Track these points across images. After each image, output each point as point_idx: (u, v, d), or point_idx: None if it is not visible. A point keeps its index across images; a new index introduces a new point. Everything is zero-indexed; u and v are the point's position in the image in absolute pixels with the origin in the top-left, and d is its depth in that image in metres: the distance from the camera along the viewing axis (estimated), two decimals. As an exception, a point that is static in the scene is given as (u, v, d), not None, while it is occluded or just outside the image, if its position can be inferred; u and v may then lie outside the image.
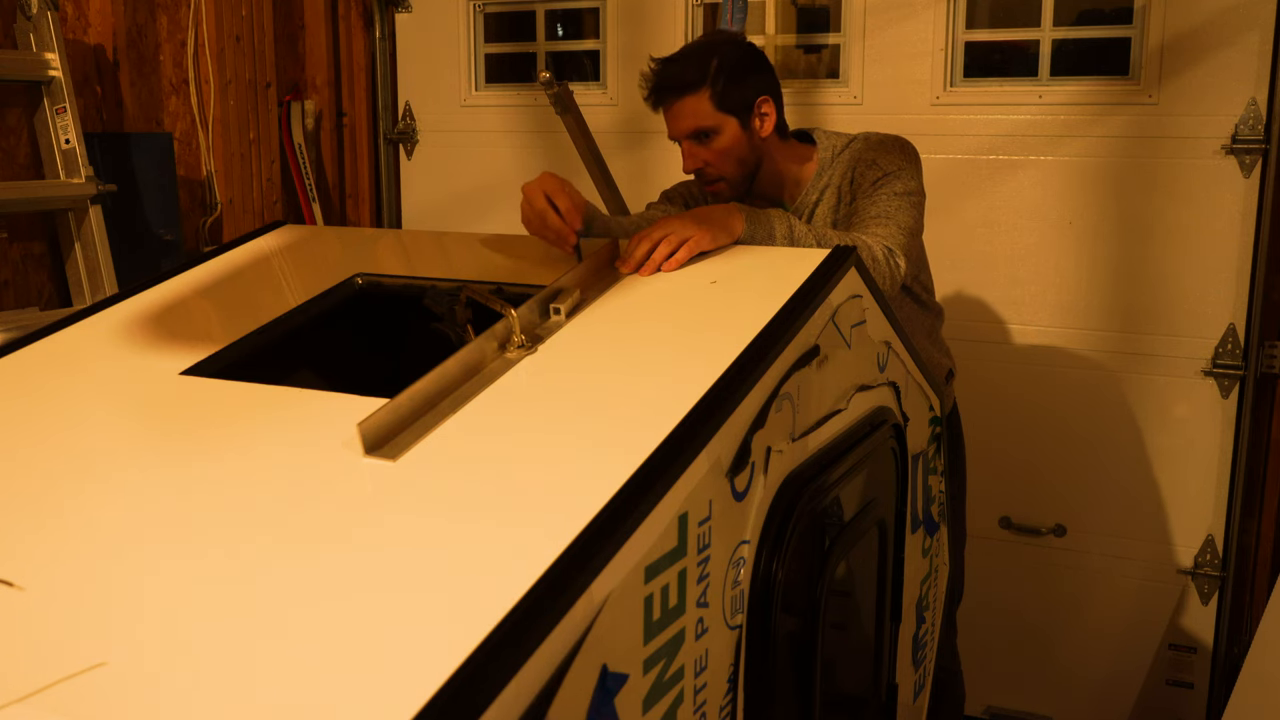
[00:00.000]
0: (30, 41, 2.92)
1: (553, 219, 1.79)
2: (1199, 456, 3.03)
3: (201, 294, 1.88)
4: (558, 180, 1.83)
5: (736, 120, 2.07)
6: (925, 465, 1.94)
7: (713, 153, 2.08)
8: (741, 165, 2.10)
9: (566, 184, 1.83)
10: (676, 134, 2.10)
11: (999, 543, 3.24)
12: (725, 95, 2.04)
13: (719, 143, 2.07)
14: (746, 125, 2.08)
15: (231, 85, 3.44)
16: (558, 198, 1.79)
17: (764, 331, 1.40)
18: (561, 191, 1.80)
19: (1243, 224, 2.90)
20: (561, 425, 1.29)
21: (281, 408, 1.40)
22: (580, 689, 0.96)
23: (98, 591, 1.04)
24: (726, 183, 2.11)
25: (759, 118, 2.09)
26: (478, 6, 3.72)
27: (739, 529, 1.28)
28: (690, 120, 2.06)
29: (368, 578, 1.03)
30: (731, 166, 2.09)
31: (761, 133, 2.10)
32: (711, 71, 2.04)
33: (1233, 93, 2.87)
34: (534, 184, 1.83)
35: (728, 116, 2.06)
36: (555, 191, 1.80)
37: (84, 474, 1.28)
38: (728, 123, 2.06)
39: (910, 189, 2.03)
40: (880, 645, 1.78)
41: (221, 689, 0.89)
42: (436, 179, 3.87)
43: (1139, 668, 3.16)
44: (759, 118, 2.09)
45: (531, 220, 1.83)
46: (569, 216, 1.79)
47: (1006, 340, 3.18)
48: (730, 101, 2.05)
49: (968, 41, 3.14)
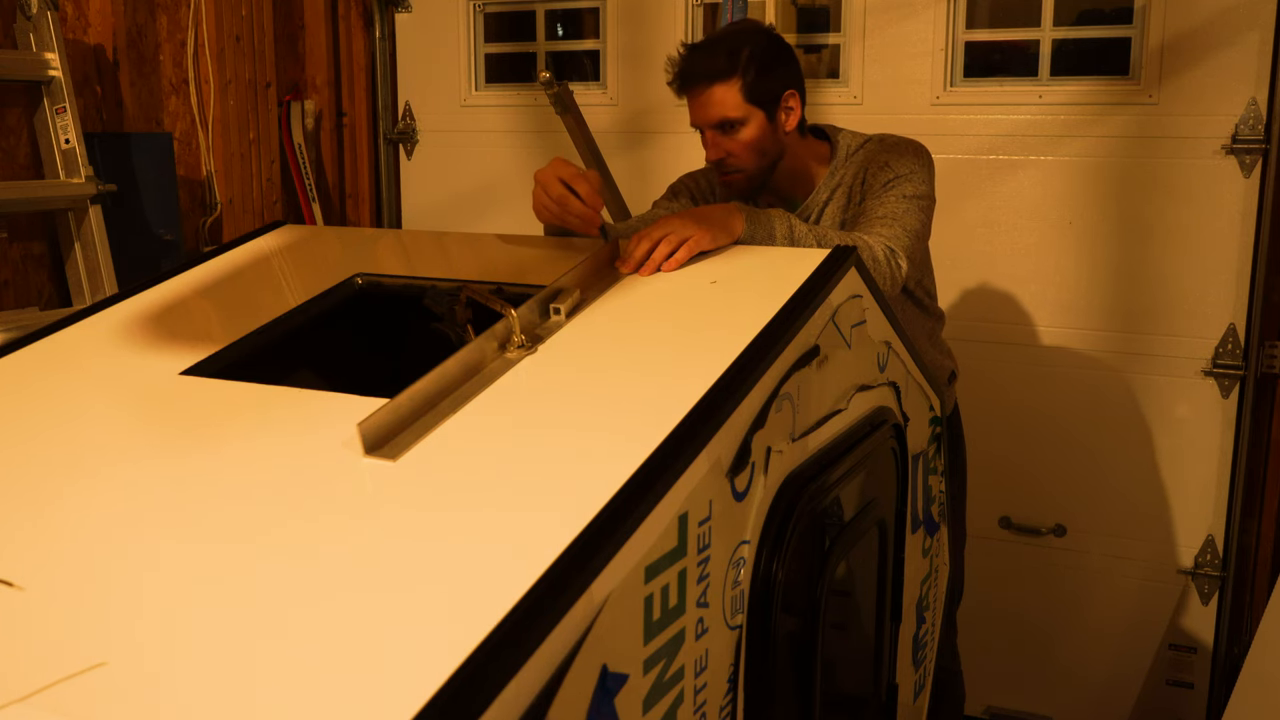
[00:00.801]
0: (30, 41, 2.92)
1: (575, 204, 1.78)
2: (1199, 457, 3.03)
3: (201, 294, 1.88)
4: (572, 166, 1.82)
5: (763, 113, 2.04)
6: (925, 465, 1.94)
7: (737, 143, 2.06)
8: (763, 158, 2.08)
9: (580, 169, 1.82)
10: (701, 122, 2.07)
11: (999, 543, 3.24)
12: (755, 87, 2.02)
13: (744, 134, 2.04)
14: (772, 118, 2.06)
15: (231, 85, 3.44)
16: (576, 183, 1.79)
17: (764, 331, 1.40)
18: (579, 177, 1.80)
19: (1243, 224, 2.90)
20: (561, 425, 1.29)
21: (281, 408, 1.40)
22: (580, 689, 0.96)
23: (97, 591, 1.04)
24: (745, 175, 2.09)
25: (785, 111, 2.07)
26: (478, 6, 3.72)
27: (739, 529, 1.28)
28: (717, 110, 2.03)
29: (368, 577, 1.03)
30: (753, 159, 2.07)
31: (786, 126, 2.08)
32: (743, 61, 2.01)
33: (1233, 93, 2.87)
34: (547, 170, 1.81)
35: (755, 108, 2.03)
36: (573, 177, 1.79)
37: (84, 473, 1.28)
38: (754, 114, 2.04)
39: (920, 193, 2.02)
40: (880, 645, 1.78)
41: (221, 689, 0.89)
42: (436, 179, 3.87)
43: (1139, 668, 3.17)
44: (785, 111, 2.07)
45: (550, 207, 1.82)
46: (590, 200, 1.78)
47: (1006, 340, 3.18)
48: (759, 93, 2.03)
49: (968, 41, 3.14)
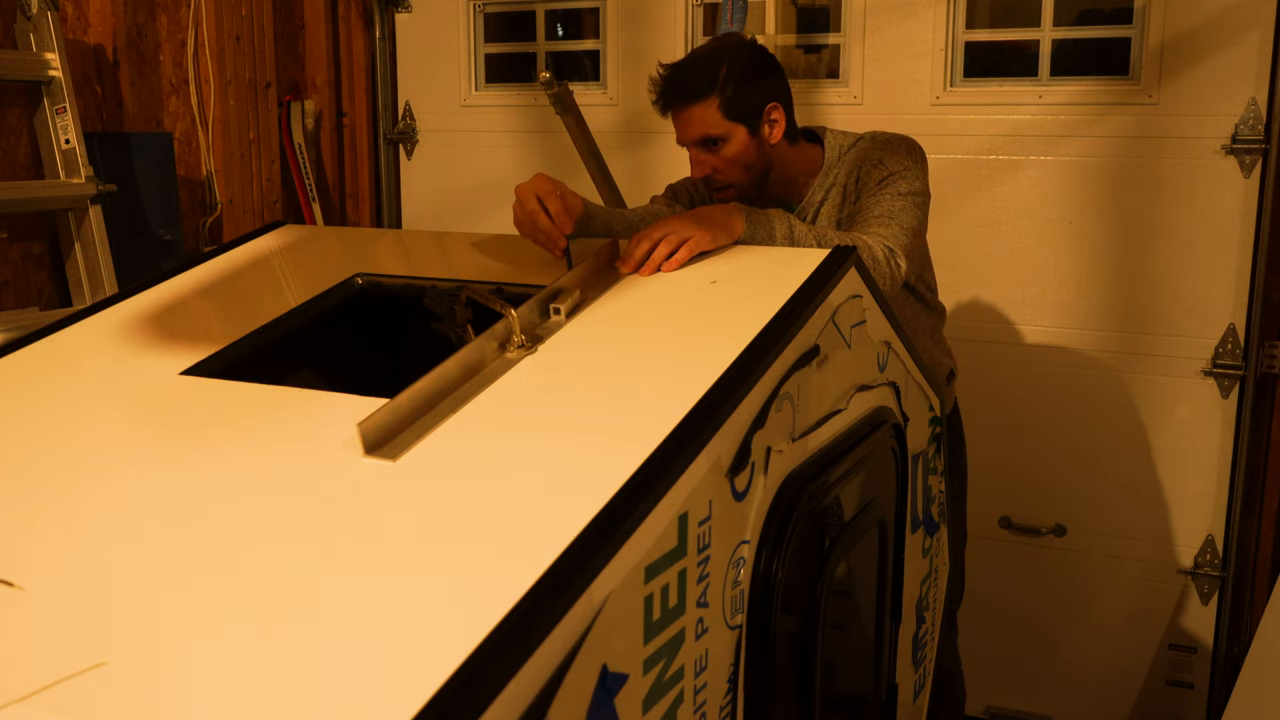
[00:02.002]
0: (30, 41, 2.92)
1: (543, 221, 1.77)
2: (1199, 456, 3.03)
3: (201, 294, 1.88)
4: (550, 182, 1.80)
5: (745, 128, 2.04)
6: (925, 465, 1.94)
7: (721, 160, 2.05)
8: (750, 172, 2.08)
9: (560, 186, 1.80)
10: (684, 140, 2.08)
11: (999, 543, 3.24)
12: (733, 103, 2.01)
13: (727, 150, 2.04)
14: (755, 132, 2.05)
15: (231, 85, 3.44)
16: (549, 200, 1.77)
17: (764, 331, 1.40)
18: (553, 194, 1.77)
19: (1243, 224, 2.90)
20: (561, 425, 1.29)
21: (281, 408, 1.40)
22: (580, 689, 0.96)
23: (97, 591, 1.04)
24: (735, 189, 2.09)
25: (768, 124, 2.07)
26: (478, 6, 3.72)
27: (739, 529, 1.28)
28: (698, 128, 2.04)
29: (367, 578, 1.03)
30: (740, 173, 2.07)
31: (771, 139, 2.07)
32: (720, 79, 2.01)
33: (1233, 93, 2.87)
34: (527, 185, 1.80)
35: (736, 124, 2.03)
36: (547, 194, 1.77)
37: (84, 473, 1.28)
38: (736, 130, 2.03)
39: (915, 189, 2.02)
40: (880, 645, 1.78)
41: (221, 689, 0.89)
42: (436, 179, 3.87)
43: (1139, 668, 3.16)
44: (768, 124, 2.07)
45: (522, 222, 1.81)
46: (559, 219, 1.76)
47: (1006, 340, 3.18)
48: (738, 109, 2.02)
49: (968, 41, 3.14)
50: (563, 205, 1.77)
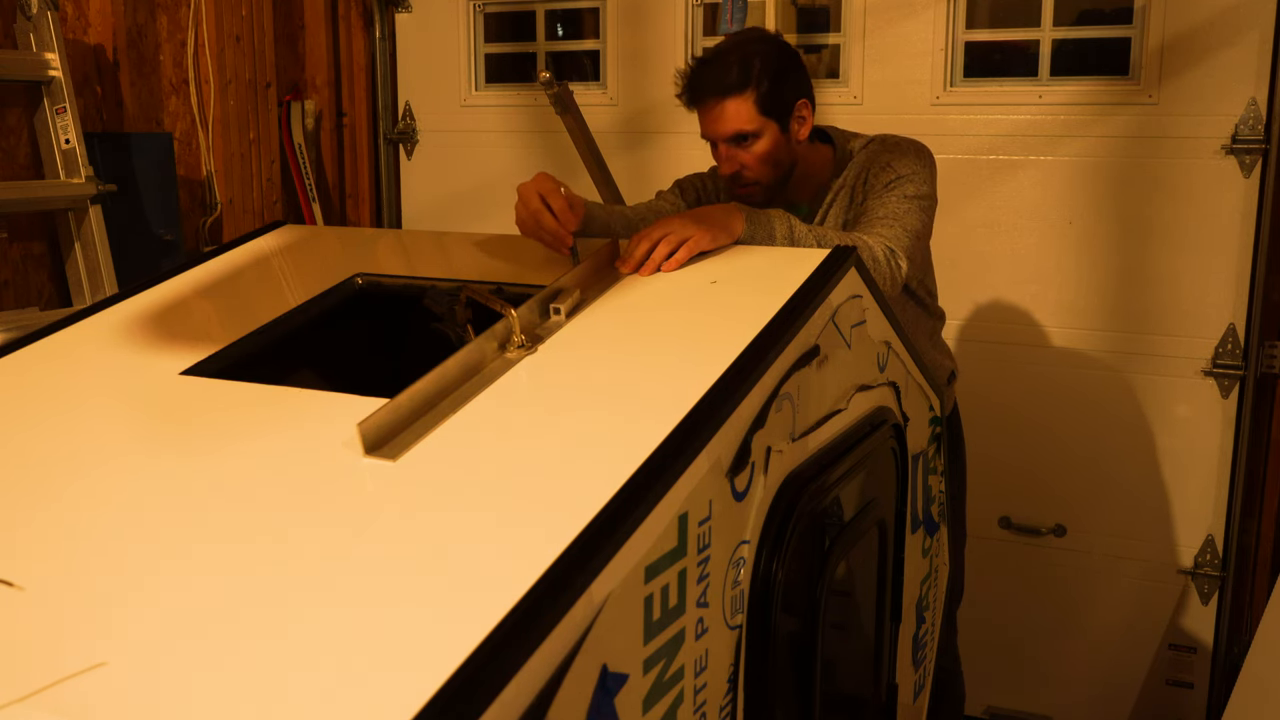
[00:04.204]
0: (30, 41, 2.92)
1: (548, 220, 1.77)
2: (1199, 456, 3.03)
3: (201, 294, 1.88)
4: (552, 181, 1.80)
5: (777, 124, 2.02)
6: (925, 465, 1.94)
7: (751, 156, 2.03)
8: (778, 169, 2.06)
9: (561, 184, 1.80)
10: (714, 136, 2.04)
11: (999, 543, 3.24)
12: (768, 98, 1.99)
13: (758, 147, 2.02)
14: (785, 129, 2.04)
15: (231, 85, 3.44)
16: (552, 198, 1.77)
17: (764, 331, 1.40)
18: (556, 192, 1.77)
19: (1243, 224, 2.90)
20: (561, 425, 1.29)
21: (281, 407, 1.40)
22: (580, 689, 0.96)
23: (97, 591, 1.04)
24: (761, 187, 2.06)
25: (797, 121, 2.05)
26: (478, 6, 3.72)
27: (739, 529, 1.28)
28: (732, 124, 2.01)
29: (367, 577, 1.03)
30: (768, 171, 2.05)
31: (799, 136, 2.06)
32: (755, 73, 1.98)
33: (1233, 93, 2.87)
34: (529, 185, 1.80)
35: (769, 121, 2.01)
36: (550, 192, 1.77)
37: (84, 474, 1.28)
38: (769, 127, 2.01)
39: (921, 193, 2.01)
40: (880, 645, 1.78)
41: (221, 689, 0.89)
42: (436, 179, 3.87)
43: (1139, 668, 3.16)
44: (797, 121, 2.05)
45: (526, 221, 1.81)
46: (564, 218, 1.77)
47: (1006, 340, 3.18)
48: (773, 105, 2.00)
49: (968, 41, 3.14)
50: (566, 203, 1.78)
